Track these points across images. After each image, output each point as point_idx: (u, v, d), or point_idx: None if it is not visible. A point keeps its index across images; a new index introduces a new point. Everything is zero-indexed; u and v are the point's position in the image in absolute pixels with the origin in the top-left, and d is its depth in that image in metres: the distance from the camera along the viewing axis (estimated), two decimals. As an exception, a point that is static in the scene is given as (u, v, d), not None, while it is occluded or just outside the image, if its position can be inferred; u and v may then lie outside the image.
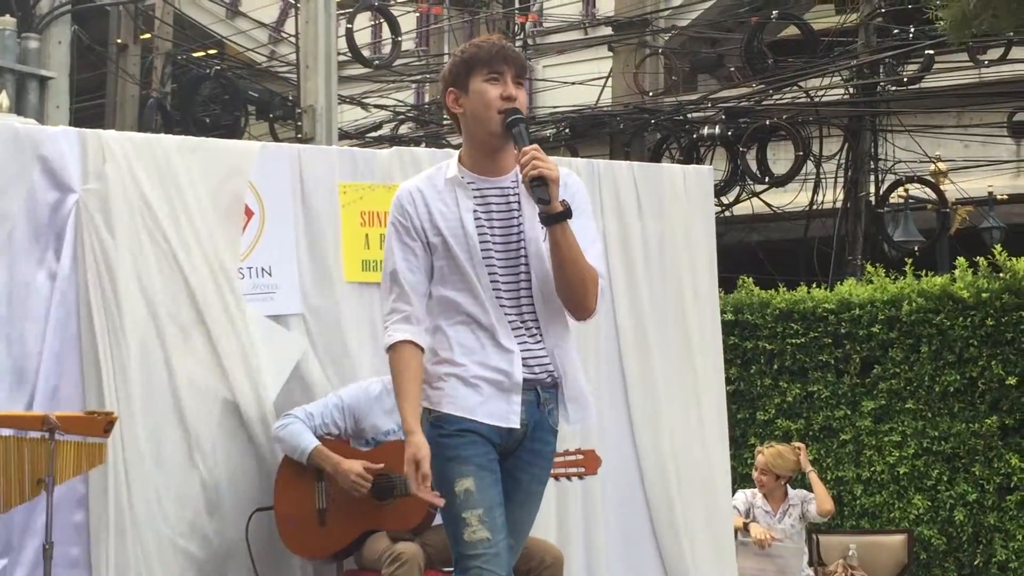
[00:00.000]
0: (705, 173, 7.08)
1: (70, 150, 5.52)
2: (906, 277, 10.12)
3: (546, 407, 3.98)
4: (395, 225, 4.01)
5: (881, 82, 15.21)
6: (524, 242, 3.96)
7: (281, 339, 5.74)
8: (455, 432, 3.88)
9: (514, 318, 3.94)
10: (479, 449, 3.88)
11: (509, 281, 3.95)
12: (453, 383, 3.91)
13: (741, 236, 15.77)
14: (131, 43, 15.32)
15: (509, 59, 3.99)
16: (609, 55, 16.92)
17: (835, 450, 10.04)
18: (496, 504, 3.87)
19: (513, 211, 3.98)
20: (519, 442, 3.96)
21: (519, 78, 4.00)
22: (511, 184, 4.00)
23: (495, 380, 3.90)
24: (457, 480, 3.84)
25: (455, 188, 3.98)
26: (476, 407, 3.89)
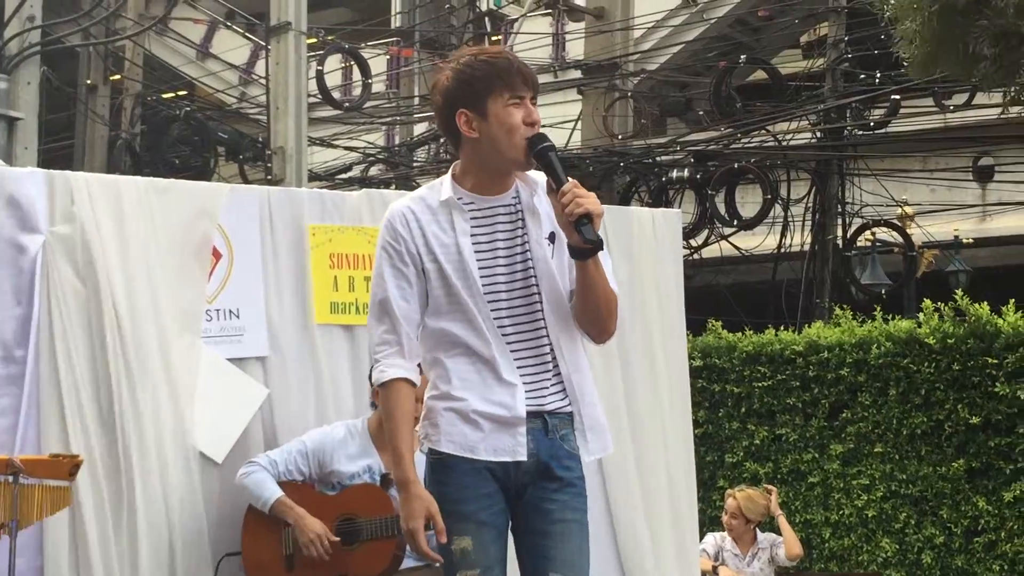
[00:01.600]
0: (674, 216, 7.10)
1: (37, 191, 5.48)
2: (874, 320, 10.17)
3: (557, 433, 3.74)
4: (387, 249, 3.77)
5: (848, 126, 15.34)
6: (532, 262, 3.74)
7: (244, 384, 5.70)
8: (456, 481, 3.70)
9: (526, 345, 3.72)
10: (482, 503, 3.69)
11: (520, 305, 3.74)
12: (451, 418, 3.72)
13: (710, 279, 15.83)
14: (100, 84, 15.32)
15: (528, 78, 3.74)
16: (578, 98, 17.00)
17: (803, 493, 10.05)
18: (495, 562, 3.70)
19: (517, 230, 3.76)
20: (533, 474, 3.72)
21: (536, 96, 3.77)
22: (513, 201, 3.78)
23: (496, 415, 3.68)
24: (455, 538, 3.66)
25: (451, 210, 3.75)
26: (477, 444, 3.69)
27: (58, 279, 5.40)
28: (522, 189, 3.80)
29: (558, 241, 3.74)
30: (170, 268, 5.64)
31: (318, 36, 15.51)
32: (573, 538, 3.75)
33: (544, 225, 3.76)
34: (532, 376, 3.73)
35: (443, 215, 3.76)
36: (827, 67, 15.27)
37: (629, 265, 6.64)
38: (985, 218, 17.51)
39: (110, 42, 15.31)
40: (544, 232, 3.75)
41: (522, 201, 3.78)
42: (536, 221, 3.75)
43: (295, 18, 11.79)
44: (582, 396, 3.80)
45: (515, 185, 3.80)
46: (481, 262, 3.73)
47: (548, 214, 3.75)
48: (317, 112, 16.16)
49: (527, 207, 3.77)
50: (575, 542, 3.75)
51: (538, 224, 3.75)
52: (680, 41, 17.59)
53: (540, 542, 3.73)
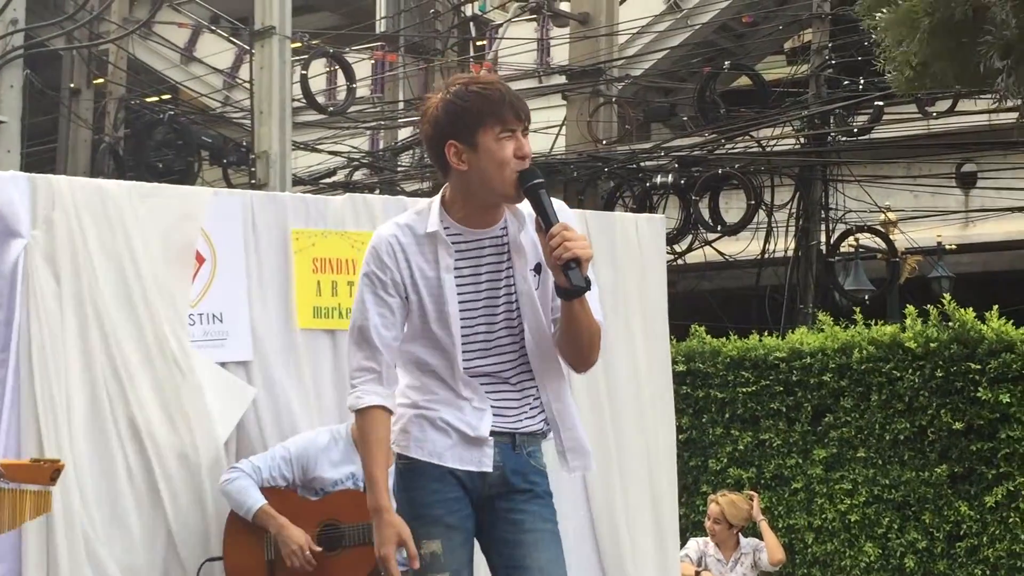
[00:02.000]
0: (658, 222, 7.11)
1: (20, 195, 5.46)
2: (856, 326, 10.20)
3: (524, 449, 3.80)
4: (371, 277, 3.77)
5: (832, 132, 15.37)
6: (516, 296, 3.77)
7: (230, 386, 5.69)
8: (424, 486, 3.76)
9: (507, 375, 3.78)
10: (449, 507, 3.75)
11: (503, 336, 3.78)
12: (421, 425, 3.77)
13: (693, 284, 15.84)
14: (84, 87, 15.29)
15: (520, 110, 3.68)
16: (563, 103, 17.00)
17: (786, 498, 10.07)
18: (463, 565, 3.75)
19: (503, 262, 3.78)
20: (499, 486, 3.77)
21: (527, 127, 3.72)
22: (500, 233, 3.78)
23: (463, 432, 3.74)
24: (423, 542, 3.71)
25: (436, 244, 3.75)
26: (445, 452, 3.75)
27: (39, 283, 5.38)
28: (510, 222, 3.79)
29: (544, 272, 3.76)
30: (153, 272, 5.62)
31: (302, 40, 15.50)
32: (547, 546, 3.79)
33: (529, 258, 3.76)
34: (509, 403, 3.79)
35: (428, 247, 3.76)
36: (811, 73, 15.31)
37: (613, 271, 6.64)
38: (968, 224, 17.57)
39: (94, 45, 15.28)
40: (529, 264, 3.76)
41: (509, 235, 3.78)
42: (521, 256, 3.76)
43: (279, 22, 11.77)
44: (562, 422, 3.85)
45: (504, 217, 3.79)
46: (463, 296, 3.75)
47: (534, 244, 3.75)
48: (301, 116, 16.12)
49: (513, 242, 3.77)
50: (550, 550, 3.80)
51: (523, 259, 3.76)
52: (664, 47, 17.61)
53: (514, 552, 3.77)
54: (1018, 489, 9.16)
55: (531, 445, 3.82)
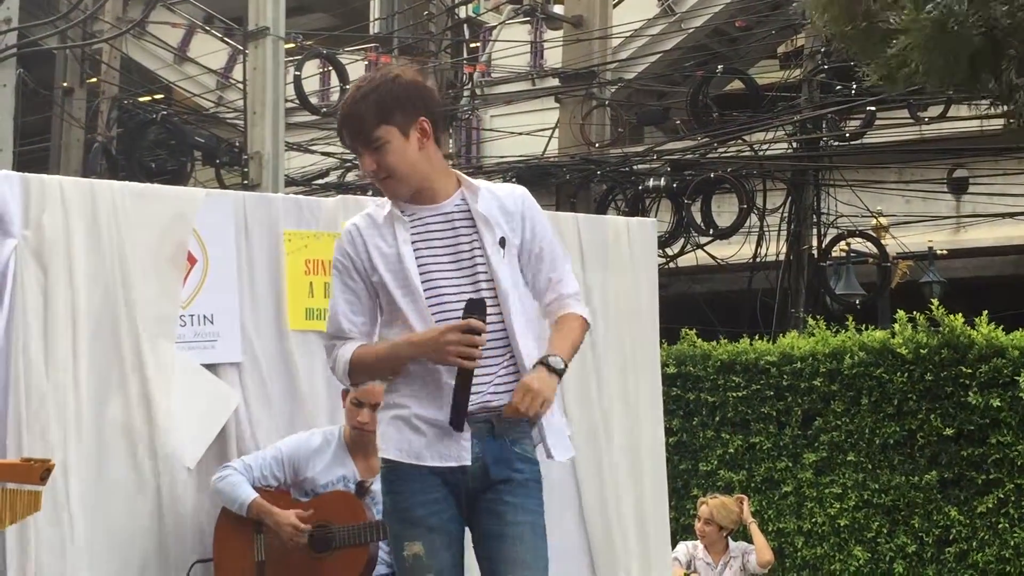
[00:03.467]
0: (649, 225, 7.12)
1: (12, 195, 5.45)
2: (847, 330, 10.22)
3: (505, 436, 3.82)
4: (336, 267, 3.93)
5: (824, 137, 15.39)
6: (484, 267, 3.83)
7: (217, 389, 5.69)
8: (405, 488, 3.80)
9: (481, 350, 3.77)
10: (430, 508, 3.79)
11: None
12: (398, 426, 3.83)
13: (685, 287, 15.84)
14: (77, 87, 15.27)
15: (344, 140, 3.92)
16: (556, 106, 17.02)
17: (776, 502, 10.08)
18: (447, 567, 3.78)
19: (461, 237, 3.86)
20: (482, 479, 3.80)
21: (362, 149, 3.85)
22: (455, 208, 3.88)
23: (438, 421, 3.77)
24: (407, 544, 3.77)
25: (392, 222, 3.87)
26: (422, 451, 3.79)
27: (31, 283, 5.38)
28: (468, 196, 3.90)
29: (508, 245, 3.87)
30: (144, 273, 5.62)
31: (296, 41, 15.49)
32: (526, 539, 3.81)
33: (495, 230, 3.86)
34: (481, 376, 3.78)
35: (386, 228, 3.88)
36: (804, 78, 15.33)
37: (604, 273, 6.67)
38: (959, 230, 17.59)
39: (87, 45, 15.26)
40: (495, 237, 3.85)
41: (470, 208, 3.88)
42: (487, 226, 3.85)
43: (273, 23, 11.75)
44: None
45: (459, 192, 3.90)
46: (423, 268, 3.83)
47: (495, 219, 3.87)
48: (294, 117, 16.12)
49: (475, 214, 3.87)
50: (529, 542, 3.81)
51: (489, 229, 3.85)
52: (658, 50, 17.64)
53: (496, 545, 3.80)
54: (1008, 495, 9.19)
55: (513, 433, 3.84)
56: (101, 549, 5.36)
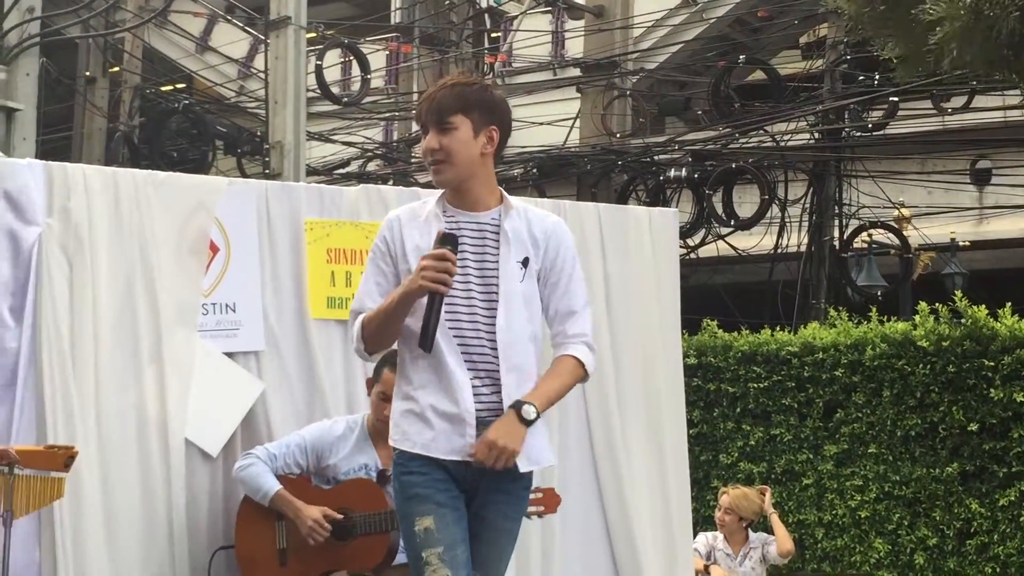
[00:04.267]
0: (670, 215, 7.10)
1: (35, 183, 5.48)
2: (869, 322, 10.19)
3: None
4: (373, 251, 4.09)
5: (846, 128, 15.34)
6: (498, 280, 3.98)
7: (240, 378, 5.71)
8: (416, 470, 3.92)
9: (484, 351, 3.95)
10: (439, 487, 3.91)
11: (482, 316, 3.97)
12: (411, 420, 3.96)
13: (706, 278, 15.83)
14: (99, 76, 15.30)
15: (420, 114, 4.05)
16: (577, 96, 17.00)
17: (797, 493, 10.07)
18: (458, 541, 3.89)
19: (488, 248, 4.01)
20: (479, 478, 3.95)
21: (430, 126, 4.01)
22: (489, 222, 4.03)
23: (447, 412, 3.91)
24: (417, 519, 3.88)
25: (432, 220, 4.02)
26: (430, 443, 3.92)
27: (54, 270, 5.40)
28: (503, 213, 4.06)
29: (529, 267, 4.02)
30: (167, 261, 5.64)
31: (318, 31, 15.50)
32: (497, 543, 4.03)
33: (514, 248, 4.01)
34: (484, 380, 3.96)
35: (425, 224, 4.04)
36: (826, 68, 15.28)
37: (625, 263, 6.65)
38: (982, 221, 17.52)
39: (109, 34, 15.29)
40: (517, 256, 4.01)
41: (501, 224, 4.04)
42: (507, 243, 4.01)
43: (295, 12, 11.79)
44: None
45: (499, 208, 4.06)
46: None
47: (520, 239, 4.02)
48: (316, 107, 16.15)
49: (502, 231, 4.04)
50: (499, 547, 4.03)
51: (508, 246, 4.01)
52: (679, 40, 17.60)
53: (472, 545, 3.96)
54: (1030, 487, 9.16)
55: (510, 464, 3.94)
56: (124, 536, 5.38)
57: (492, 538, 4.01)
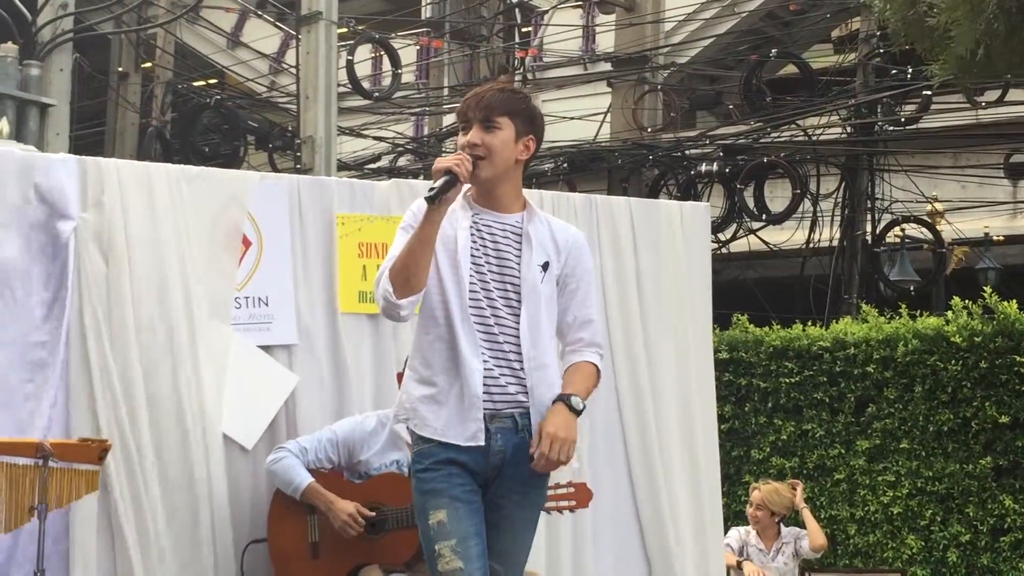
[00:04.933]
0: (702, 209, 7.09)
1: (69, 178, 5.51)
2: (901, 317, 10.14)
3: (526, 432, 4.01)
4: (403, 226, 4.11)
5: (879, 122, 15.25)
6: (520, 282, 4.06)
7: (274, 371, 5.73)
8: (432, 466, 3.98)
9: (502, 346, 4.02)
10: (454, 481, 3.97)
11: (502, 309, 4.04)
12: (428, 404, 4.01)
13: (737, 273, 15.78)
14: (132, 72, 15.39)
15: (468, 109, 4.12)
16: (608, 91, 16.96)
17: (829, 489, 10.03)
18: (471, 534, 3.93)
19: (511, 248, 4.09)
20: (499, 468, 4.01)
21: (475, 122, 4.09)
22: (514, 224, 4.13)
23: (460, 397, 3.97)
24: (431, 513, 3.95)
25: (459, 210, 4.09)
26: (445, 428, 3.98)
27: (88, 265, 5.43)
28: (526, 218, 4.15)
29: (549, 271, 4.12)
30: (200, 255, 5.67)
31: (349, 26, 15.52)
32: (516, 533, 4.09)
33: (536, 252, 4.10)
34: (504, 366, 4.02)
35: (451, 214, 4.08)
36: (858, 62, 15.20)
37: (656, 258, 6.65)
38: (1016, 215, 17.40)
39: (142, 30, 15.36)
40: (539, 259, 4.09)
41: (522, 226, 4.13)
42: (530, 246, 4.10)
43: (326, 8, 11.80)
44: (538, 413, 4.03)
45: (522, 214, 4.15)
46: (474, 256, 4.05)
47: (542, 243, 4.12)
48: (347, 102, 16.16)
49: (525, 232, 4.14)
50: (517, 536, 4.09)
51: (530, 249, 4.09)
52: (711, 34, 17.53)
53: (487, 533, 4.01)
54: (1064, 484, 9.11)
55: (532, 430, 4.01)
56: (157, 528, 5.40)
57: (511, 527, 4.06)
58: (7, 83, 11.12)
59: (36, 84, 11.57)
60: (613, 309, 6.49)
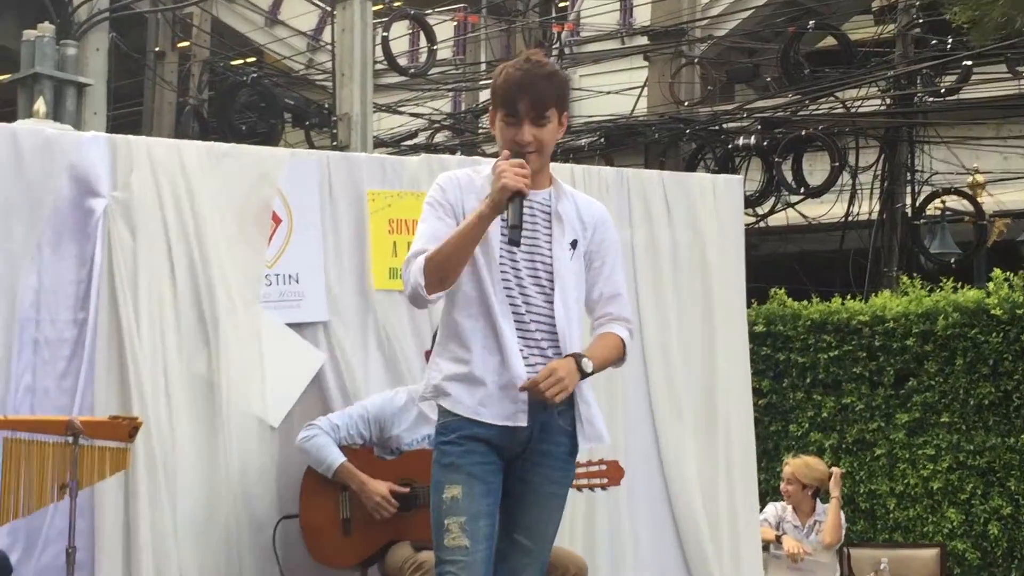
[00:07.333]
0: (735, 182, 7.04)
1: (100, 156, 5.53)
2: (942, 290, 10.05)
3: (554, 408, 3.97)
4: (431, 203, 4.05)
5: (918, 93, 15.10)
6: (552, 260, 4.02)
7: (302, 349, 5.73)
8: (455, 440, 3.94)
9: (534, 326, 3.98)
10: (475, 458, 3.92)
11: (533, 290, 4.00)
12: (461, 383, 3.95)
13: (776, 247, 15.68)
14: (169, 50, 15.39)
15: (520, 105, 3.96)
16: (645, 64, 16.87)
17: (868, 463, 9.97)
18: (483, 514, 3.90)
19: (539, 226, 4.05)
20: (525, 443, 3.97)
21: (539, 119, 3.98)
22: (542, 201, 4.07)
23: (501, 378, 3.92)
24: (446, 487, 3.91)
25: (486, 187, 4.00)
26: (480, 408, 3.92)
27: (119, 242, 5.45)
28: (554, 194, 4.10)
29: (578, 248, 4.07)
30: (230, 232, 5.67)
31: (384, 2, 15.51)
32: (544, 507, 4.04)
33: (567, 231, 4.05)
34: (536, 352, 3.97)
35: (482, 191, 4.01)
36: (898, 33, 15.04)
37: (690, 231, 6.61)
38: (1059, 187, 17.20)
39: (178, 8, 15.36)
40: (567, 238, 4.05)
41: (551, 205, 4.04)
42: (560, 226, 4.05)
43: (361, -16, 11.78)
44: (579, 390, 4.01)
45: (550, 189, 4.09)
46: (502, 238, 3.97)
47: (571, 221, 4.06)
48: (383, 79, 16.15)
49: (554, 211, 4.07)
50: (546, 511, 4.05)
51: (561, 228, 4.05)
52: (748, 7, 17.40)
53: (513, 506, 4.00)
54: (1106, 457, 9.01)
55: (561, 404, 3.97)
56: (188, 506, 5.43)
57: (538, 502, 4.02)
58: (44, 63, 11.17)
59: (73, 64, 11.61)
60: (645, 283, 6.46)
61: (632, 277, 6.31)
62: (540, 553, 4.05)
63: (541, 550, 4.06)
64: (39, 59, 11.10)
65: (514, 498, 3.99)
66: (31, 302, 5.38)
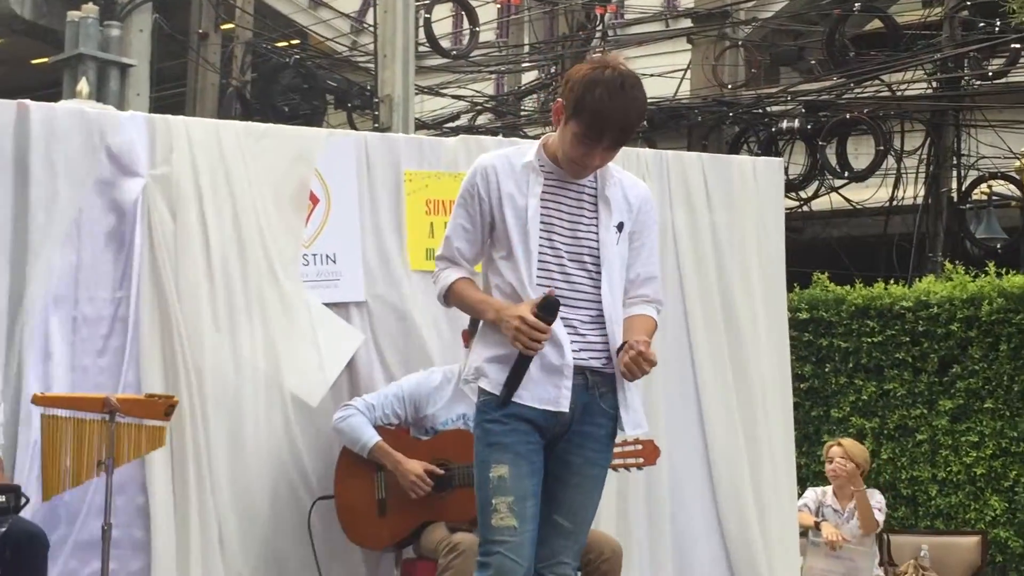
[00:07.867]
0: (776, 165, 6.98)
1: (138, 136, 5.56)
2: (987, 275, 9.95)
3: (596, 390, 3.97)
4: (463, 195, 4.05)
5: (965, 76, 14.93)
6: (598, 245, 4.00)
7: (340, 329, 5.73)
8: (499, 418, 3.91)
9: (579, 312, 3.96)
10: (520, 437, 3.90)
11: (577, 275, 3.98)
12: (502, 363, 3.92)
13: (819, 231, 15.57)
14: (212, 32, 15.42)
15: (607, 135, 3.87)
16: (688, 47, 16.78)
17: (910, 449, 9.89)
18: (529, 495, 3.88)
19: (584, 210, 4.03)
20: (567, 425, 3.95)
21: (615, 148, 3.93)
22: (588, 184, 4.04)
23: (548, 363, 3.90)
24: (493, 466, 3.88)
25: (529, 172, 3.98)
26: (523, 391, 3.90)
27: (157, 222, 5.47)
28: (599, 177, 4.06)
29: (624, 231, 4.05)
30: (267, 212, 5.69)
31: (427, -16, 15.47)
32: (584, 489, 4.02)
33: (614, 215, 4.03)
34: (581, 336, 3.96)
35: (522, 176, 4.00)
36: (945, 15, 14.87)
37: (730, 214, 6.57)
38: (1108, 172, 16.97)
39: (221, -10, 15.41)
40: (614, 221, 4.02)
41: (597, 189, 4.04)
42: (607, 209, 4.03)
43: (403, -34, 11.76)
44: (621, 380, 4.00)
45: (597, 172, 4.05)
46: (544, 224, 3.97)
47: (618, 203, 4.05)
48: (425, 61, 16.14)
49: (601, 195, 4.04)
50: (585, 493, 4.02)
51: (608, 212, 4.02)
52: (794, -12, 17.27)
53: (553, 487, 3.97)
54: None
55: (603, 387, 3.99)
56: (224, 484, 5.44)
57: (578, 483, 3.99)
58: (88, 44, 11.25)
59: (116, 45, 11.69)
60: (687, 266, 6.42)
61: (675, 259, 6.29)
62: (579, 535, 4.03)
63: (580, 532, 4.04)
64: (83, 40, 11.18)
65: (555, 479, 3.97)
66: (70, 280, 5.40)
